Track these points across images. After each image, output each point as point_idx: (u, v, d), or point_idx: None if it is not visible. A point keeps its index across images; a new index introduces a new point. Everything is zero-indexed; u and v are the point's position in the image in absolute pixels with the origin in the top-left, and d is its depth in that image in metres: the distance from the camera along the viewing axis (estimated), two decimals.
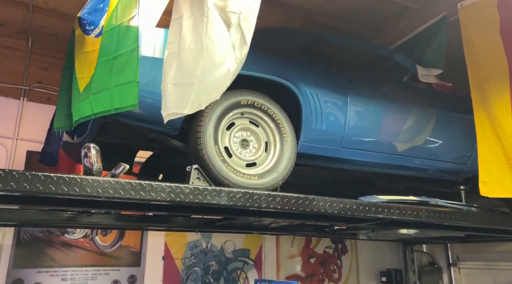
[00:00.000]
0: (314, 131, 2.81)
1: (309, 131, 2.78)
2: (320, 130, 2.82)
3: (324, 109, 2.82)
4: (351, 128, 2.95)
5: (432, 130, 3.41)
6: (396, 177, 3.59)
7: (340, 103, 2.90)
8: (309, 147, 2.82)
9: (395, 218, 2.70)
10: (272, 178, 2.51)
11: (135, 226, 4.21)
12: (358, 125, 3.00)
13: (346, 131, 2.93)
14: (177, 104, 1.77)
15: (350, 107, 2.94)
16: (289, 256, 5.69)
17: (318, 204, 2.47)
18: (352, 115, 2.95)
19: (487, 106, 2.98)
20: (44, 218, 3.48)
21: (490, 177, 2.89)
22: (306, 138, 2.79)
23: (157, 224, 4.04)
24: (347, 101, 2.93)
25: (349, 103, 2.94)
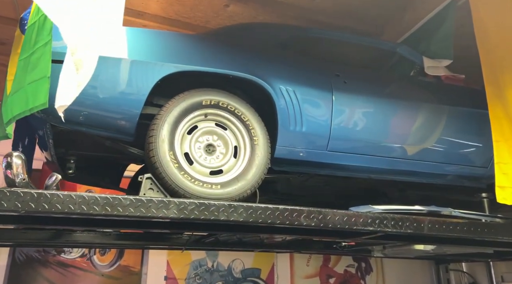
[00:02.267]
0: (293, 133, 2.48)
1: (286, 133, 2.46)
2: (300, 132, 2.49)
3: (304, 108, 2.49)
4: (338, 128, 2.59)
5: (443, 129, 2.96)
6: (403, 184, 3.15)
7: (324, 100, 2.56)
8: (288, 151, 2.49)
9: (390, 231, 2.29)
10: (238, 187, 2.20)
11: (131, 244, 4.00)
12: (348, 125, 2.63)
13: (333, 132, 2.57)
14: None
15: (336, 105, 2.59)
16: (305, 276, 5.26)
17: (291, 215, 2.12)
18: (339, 114, 2.59)
19: (503, 98, 2.53)
20: (38, 238, 3.36)
21: (509, 180, 2.41)
22: (284, 141, 2.46)
23: (157, 243, 3.80)
24: (331, 99, 2.58)
25: (335, 101, 2.59)
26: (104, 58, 2.13)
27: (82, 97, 2.06)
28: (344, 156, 2.65)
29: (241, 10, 3.90)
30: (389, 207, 2.54)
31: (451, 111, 3.02)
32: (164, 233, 3.51)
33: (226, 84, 2.44)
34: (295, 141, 2.50)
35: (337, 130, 2.59)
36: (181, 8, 3.91)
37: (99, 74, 2.12)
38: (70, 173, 2.84)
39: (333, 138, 2.58)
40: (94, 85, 2.09)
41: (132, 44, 2.28)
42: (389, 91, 2.87)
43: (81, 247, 4.09)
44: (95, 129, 2.20)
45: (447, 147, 2.96)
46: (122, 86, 2.15)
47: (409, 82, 3.10)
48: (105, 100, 2.14)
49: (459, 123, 3.02)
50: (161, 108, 2.19)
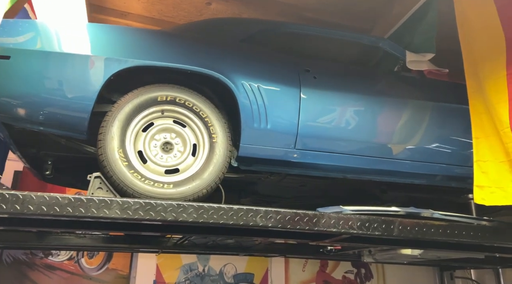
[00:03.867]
0: (257, 131, 2.37)
1: (250, 130, 2.35)
2: (265, 129, 2.38)
3: (269, 105, 2.38)
4: (306, 126, 2.46)
5: (426, 127, 2.80)
6: (385, 185, 2.99)
7: (291, 97, 2.45)
8: (253, 149, 2.38)
9: (355, 233, 2.14)
10: (192, 186, 2.10)
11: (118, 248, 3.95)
12: (317, 122, 2.51)
13: (301, 130, 2.45)
14: None
15: (304, 101, 2.46)
16: (301, 282, 5.11)
17: (246, 215, 2.01)
18: (307, 111, 2.47)
19: (483, 92, 2.36)
20: (26, 239, 3.34)
21: (488, 180, 2.23)
22: (247, 139, 2.36)
23: (147, 246, 3.72)
24: (299, 95, 2.46)
25: (303, 97, 2.47)
26: (55, 53, 2.11)
27: (36, 95, 2.06)
28: (314, 155, 2.52)
29: (224, 8, 3.84)
30: (362, 208, 2.39)
31: (435, 107, 2.85)
32: (151, 236, 3.44)
33: (189, 81, 2.36)
34: (260, 139, 2.39)
35: (306, 128, 2.46)
36: (164, 8, 3.88)
37: (49, 70, 2.09)
38: (47, 175, 2.81)
39: (301, 136, 2.46)
40: (46, 82, 2.04)
41: (88, 39, 2.24)
42: (365, 86, 2.72)
43: (67, 249, 4.07)
44: (49, 128, 2.15)
45: (430, 146, 2.79)
46: (72, 82, 2.10)
47: (389, 78, 2.95)
48: (56, 97, 2.09)
49: (444, 120, 2.85)
50: (113, 105, 2.12)
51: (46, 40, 2.14)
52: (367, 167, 2.64)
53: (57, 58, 2.11)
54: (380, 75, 2.94)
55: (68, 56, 2.12)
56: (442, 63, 2.93)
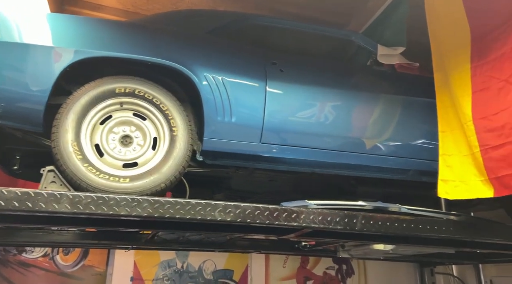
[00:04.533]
0: (221, 124, 2.33)
1: (214, 124, 2.31)
2: (229, 123, 2.34)
3: (234, 98, 2.34)
4: (272, 120, 2.42)
5: (395, 121, 2.77)
6: (355, 180, 2.96)
7: (256, 90, 2.41)
8: (217, 143, 2.34)
9: (316, 227, 2.11)
10: (150, 180, 2.06)
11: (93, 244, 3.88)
12: (284, 116, 2.47)
13: (266, 123, 2.41)
14: None
15: (270, 95, 2.43)
16: (281, 278, 5.07)
17: (203, 210, 1.97)
18: (273, 104, 2.43)
19: (449, 85, 2.33)
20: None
21: (453, 174, 2.21)
22: (211, 133, 2.32)
23: (120, 242, 3.66)
24: (264, 88, 2.42)
25: (269, 90, 2.43)
26: (10, 43, 2.05)
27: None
28: (280, 149, 2.48)
29: (198, 1, 3.79)
30: (328, 202, 2.36)
31: (405, 101, 2.83)
32: (125, 232, 3.39)
33: (154, 74, 2.31)
34: (225, 133, 2.36)
35: (272, 122, 2.43)
36: (138, 0, 3.81)
37: (3, 61, 2.03)
38: (15, 170, 2.74)
39: (267, 130, 2.42)
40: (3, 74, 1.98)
41: (44, 29, 2.18)
42: (334, 80, 2.69)
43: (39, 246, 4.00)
44: (5, 120, 2.09)
45: (399, 140, 2.77)
46: (27, 73, 2.05)
47: (359, 72, 2.92)
48: (11, 88, 2.04)
49: (414, 114, 2.82)
50: (68, 97, 2.07)
51: (1, 30, 2.08)
52: (335, 161, 2.61)
53: (11, 48, 2.05)
54: (350, 69, 2.91)
55: (22, 46, 2.06)
56: (413, 57, 2.91)
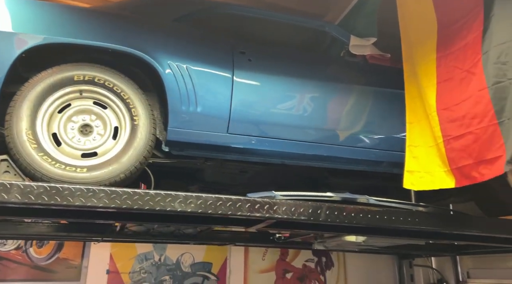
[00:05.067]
0: (186, 114, 2.28)
1: (178, 113, 2.27)
2: (194, 113, 2.29)
3: (199, 87, 2.29)
4: (240, 110, 2.39)
5: (366, 112, 2.76)
6: (328, 171, 2.94)
7: (222, 79, 2.36)
8: (183, 133, 2.30)
9: (280, 218, 2.09)
10: (108, 170, 2.01)
11: None
12: (251, 106, 2.44)
13: (233, 114, 2.37)
14: None
15: (237, 85, 2.39)
16: (260, 271, 5.05)
17: (163, 201, 1.93)
18: (240, 94, 2.39)
19: (416, 75, 2.32)
20: None
21: (418, 165, 2.20)
22: (176, 123, 2.27)
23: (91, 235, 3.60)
24: (231, 77, 2.38)
25: (236, 80, 2.39)
26: None
27: None
28: (248, 140, 2.45)
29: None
30: (295, 193, 2.34)
31: (377, 93, 2.81)
32: (99, 225, 3.33)
33: (119, 62, 2.25)
34: (190, 123, 2.31)
35: (239, 112, 2.39)
36: None
37: None
38: None
39: (234, 120, 2.38)
40: None
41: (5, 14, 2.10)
42: (304, 71, 2.65)
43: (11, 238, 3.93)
44: None
45: (371, 132, 2.76)
46: None
47: (331, 63, 2.89)
48: None
49: (385, 105, 2.81)
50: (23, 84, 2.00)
51: None
52: (305, 152, 2.58)
53: None
54: (322, 59, 2.88)
55: None
56: (385, 49, 2.89)
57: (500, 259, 4.64)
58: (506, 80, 1.72)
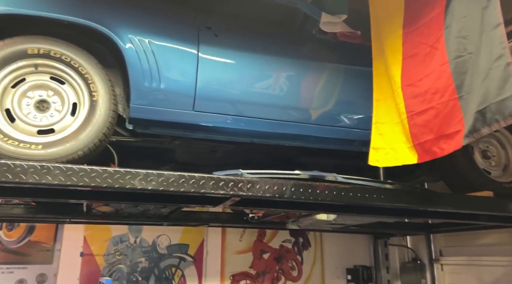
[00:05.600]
0: (150, 90, 2.22)
1: (141, 90, 2.20)
2: (157, 89, 2.23)
3: (162, 62, 2.23)
4: (206, 87, 2.33)
5: (339, 90, 2.74)
6: (298, 150, 2.93)
7: (187, 54, 2.30)
8: (146, 110, 2.24)
9: (244, 195, 2.07)
10: (66, 147, 1.95)
11: None
12: (218, 83, 2.38)
13: (199, 91, 2.32)
14: None
15: (202, 61, 2.32)
16: (237, 252, 5.07)
17: (123, 178, 1.89)
18: (206, 71, 2.33)
19: (383, 52, 2.29)
20: None
21: (384, 141, 2.20)
22: (139, 100, 2.21)
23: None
24: (197, 53, 2.31)
25: (201, 56, 2.32)
26: None
27: None
28: (215, 118, 2.41)
29: None
30: (263, 171, 2.32)
31: (348, 71, 2.79)
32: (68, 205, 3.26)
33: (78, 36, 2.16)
34: (153, 100, 2.25)
35: (205, 89, 2.34)
36: None
37: None
38: None
39: (200, 97, 2.33)
40: None
41: None
42: (272, 47, 2.61)
43: None
44: None
45: (341, 110, 2.74)
46: None
47: (302, 40, 2.84)
48: None
49: (358, 83, 2.78)
50: None
51: None
52: (273, 131, 2.56)
53: None
54: (291, 36, 2.82)
55: None
56: (356, 26, 2.85)
57: (472, 237, 4.76)
58: (466, 54, 1.71)
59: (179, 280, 4.70)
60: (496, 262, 4.38)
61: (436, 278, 5.19)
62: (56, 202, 3.05)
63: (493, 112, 1.54)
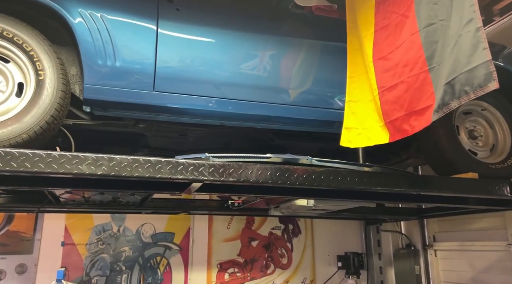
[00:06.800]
0: (104, 69, 2.07)
1: (94, 69, 2.05)
2: (113, 68, 2.08)
3: (117, 39, 2.06)
4: (166, 65, 2.18)
5: (316, 68, 2.57)
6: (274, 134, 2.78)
7: (144, 30, 2.13)
8: (101, 90, 2.09)
9: (206, 179, 1.93)
10: (8, 130, 1.80)
11: None
12: (180, 61, 2.22)
13: (159, 69, 2.16)
14: None
15: (162, 37, 2.16)
16: (225, 240, 4.97)
17: (69, 163, 1.75)
18: (167, 48, 2.17)
19: (357, 25, 2.12)
20: None
21: (356, 121, 2.04)
22: (93, 79, 2.06)
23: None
24: (156, 28, 2.15)
25: (161, 31, 2.16)
26: None
27: None
28: (178, 98, 2.25)
29: None
30: (232, 155, 2.17)
31: (325, 47, 2.62)
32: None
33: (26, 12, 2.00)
34: (109, 79, 2.10)
35: (166, 67, 2.18)
36: None
37: None
38: None
39: (161, 76, 2.17)
40: None
41: None
42: (240, 23, 2.43)
43: None
44: None
45: (318, 89, 2.58)
46: None
47: (274, 14, 2.66)
48: None
49: (336, 61, 2.60)
50: None
51: None
52: (243, 112, 2.40)
53: None
54: (263, 11, 2.64)
55: None
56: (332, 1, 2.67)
57: (465, 222, 4.64)
58: (437, 22, 1.54)
59: (164, 269, 4.61)
60: (489, 247, 4.27)
61: (430, 265, 5.10)
62: (25, 191, 2.94)
63: (462, 83, 1.38)
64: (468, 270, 4.46)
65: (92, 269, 4.33)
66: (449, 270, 4.89)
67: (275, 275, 5.05)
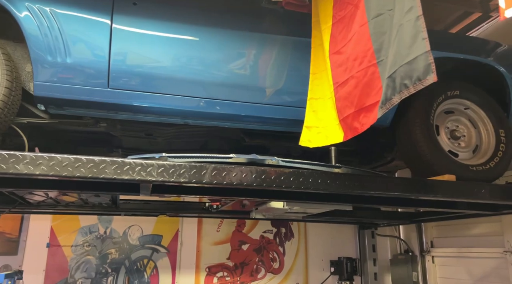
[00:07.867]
0: (54, 66, 2.00)
1: (44, 65, 1.98)
2: (64, 64, 2.01)
3: (67, 34, 1.99)
4: (121, 61, 2.10)
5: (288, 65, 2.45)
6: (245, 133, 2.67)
7: (97, 25, 2.06)
8: (52, 88, 2.02)
9: (154, 180, 1.84)
10: None
11: None
12: (136, 58, 2.14)
13: (114, 66, 2.08)
14: None
15: (117, 32, 2.08)
16: (214, 243, 4.88)
17: (5, 162, 1.67)
18: (122, 43, 2.09)
19: (319, 19, 2.00)
20: None
21: (317, 119, 1.92)
22: (43, 76, 1.99)
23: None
24: (110, 23, 2.07)
25: (115, 26, 2.08)
26: None
27: None
28: (135, 96, 2.16)
29: None
30: (191, 155, 2.08)
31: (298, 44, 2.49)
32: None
33: None
34: (60, 76, 2.03)
35: (120, 64, 2.10)
36: None
37: None
38: None
39: (115, 73, 2.09)
40: None
41: None
42: (202, 17, 2.32)
43: None
44: None
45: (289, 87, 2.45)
46: None
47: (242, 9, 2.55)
48: None
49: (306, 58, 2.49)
50: None
51: None
52: (204, 110, 2.30)
53: None
54: (230, 6, 2.53)
55: None
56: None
57: (464, 228, 4.46)
58: (385, 11, 1.42)
59: (151, 272, 4.54)
60: (486, 254, 4.07)
61: (427, 271, 4.90)
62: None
63: (401, 76, 1.26)
64: (466, 278, 4.27)
65: (77, 271, 4.28)
66: (447, 277, 4.70)
67: (266, 280, 4.93)
